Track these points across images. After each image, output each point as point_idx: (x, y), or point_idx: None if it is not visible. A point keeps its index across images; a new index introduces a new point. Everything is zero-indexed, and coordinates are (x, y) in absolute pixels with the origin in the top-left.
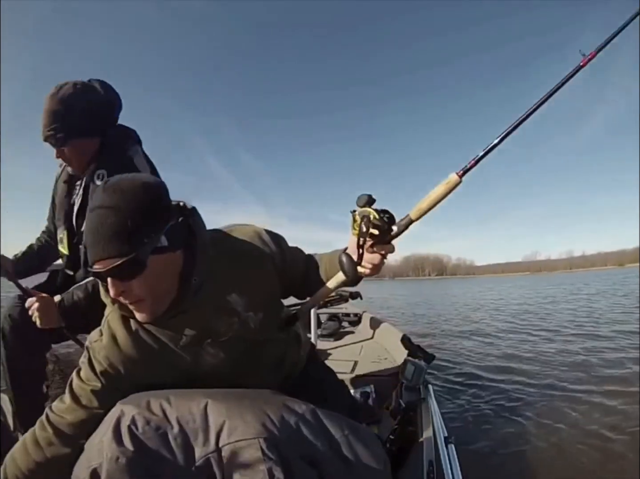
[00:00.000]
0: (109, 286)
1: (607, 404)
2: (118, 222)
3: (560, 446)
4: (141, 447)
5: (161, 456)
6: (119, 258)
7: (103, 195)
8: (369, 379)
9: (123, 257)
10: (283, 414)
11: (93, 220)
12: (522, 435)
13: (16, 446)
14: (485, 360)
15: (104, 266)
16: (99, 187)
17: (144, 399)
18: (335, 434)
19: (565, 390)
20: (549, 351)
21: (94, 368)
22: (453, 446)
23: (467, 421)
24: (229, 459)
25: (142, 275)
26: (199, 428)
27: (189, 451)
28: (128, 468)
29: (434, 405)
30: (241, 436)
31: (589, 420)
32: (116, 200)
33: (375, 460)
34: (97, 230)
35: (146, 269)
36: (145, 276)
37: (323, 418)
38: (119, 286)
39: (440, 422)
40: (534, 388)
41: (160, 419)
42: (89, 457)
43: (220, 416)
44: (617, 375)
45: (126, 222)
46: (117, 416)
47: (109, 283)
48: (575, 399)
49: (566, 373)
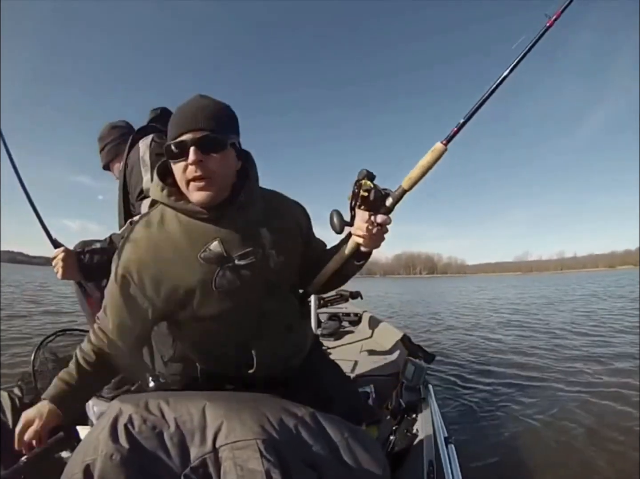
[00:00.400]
0: (191, 154)
1: (607, 403)
2: (215, 107)
3: (560, 445)
4: (136, 446)
5: (156, 455)
6: (209, 132)
7: (199, 96)
8: (369, 379)
9: (213, 132)
10: (282, 417)
11: (188, 104)
12: (522, 435)
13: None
14: (485, 359)
15: (193, 135)
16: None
17: (143, 399)
18: (335, 437)
19: (565, 389)
20: (549, 348)
21: (117, 272)
22: (453, 446)
23: (467, 421)
24: (226, 460)
25: (219, 154)
26: (196, 429)
27: (185, 451)
28: (122, 466)
29: (434, 405)
30: (239, 437)
31: (590, 420)
32: (213, 100)
33: (375, 464)
34: (191, 110)
35: (224, 151)
36: (221, 156)
37: (323, 421)
38: (199, 156)
39: (440, 422)
40: (535, 388)
41: (158, 419)
42: (84, 452)
43: (218, 418)
44: (617, 374)
45: (221, 110)
46: (114, 414)
47: (191, 152)
48: (576, 400)
49: (567, 372)
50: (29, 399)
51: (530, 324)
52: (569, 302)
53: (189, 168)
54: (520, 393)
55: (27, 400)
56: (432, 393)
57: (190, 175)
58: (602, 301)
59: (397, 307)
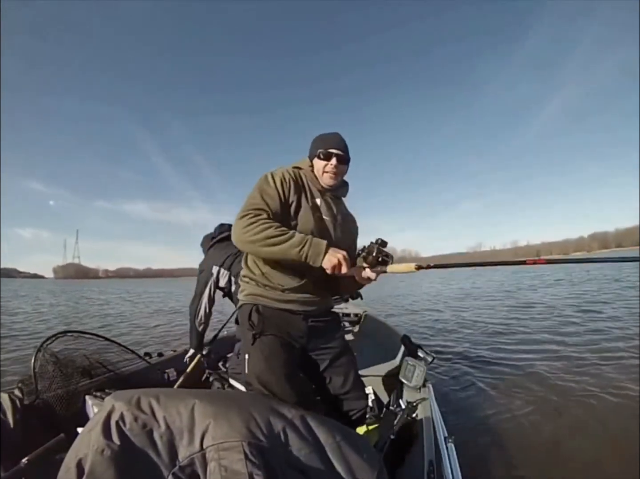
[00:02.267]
0: (334, 160)
1: (607, 404)
2: (345, 142)
3: (561, 446)
4: (127, 442)
5: (146, 453)
6: (346, 154)
7: (335, 134)
8: (369, 379)
9: (347, 155)
10: (270, 419)
11: (334, 134)
12: (522, 435)
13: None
14: (485, 359)
15: (340, 151)
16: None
17: (135, 396)
18: (325, 440)
19: (566, 389)
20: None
21: (271, 177)
22: (453, 446)
23: (468, 421)
24: (212, 460)
25: (345, 165)
26: (184, 428)
27: (173, 450)
28: (112, 461)
29: (434, 405)
30: (225, 438)
31: (591, 419)
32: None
33: (368, 468)
34: (339, 138)
35: (347, 164)
36: (345, 166)
37: (313, 424)
38: (340, 162)
39: (440, 422)
40: (535, 387)
41: (148, 417)
42: (78, 447)
43: (206, 418)
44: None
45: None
46: (108, 411)
47: (334, 159)
48: (576, 399)
49: (567, 373)
50: (29, 401)
51: (521, 317)
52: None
53: (329, 166)
54: (522, 392)
55: (27, 402)
56: (432, 393)
57: (335, 169)
58: (572, 286)
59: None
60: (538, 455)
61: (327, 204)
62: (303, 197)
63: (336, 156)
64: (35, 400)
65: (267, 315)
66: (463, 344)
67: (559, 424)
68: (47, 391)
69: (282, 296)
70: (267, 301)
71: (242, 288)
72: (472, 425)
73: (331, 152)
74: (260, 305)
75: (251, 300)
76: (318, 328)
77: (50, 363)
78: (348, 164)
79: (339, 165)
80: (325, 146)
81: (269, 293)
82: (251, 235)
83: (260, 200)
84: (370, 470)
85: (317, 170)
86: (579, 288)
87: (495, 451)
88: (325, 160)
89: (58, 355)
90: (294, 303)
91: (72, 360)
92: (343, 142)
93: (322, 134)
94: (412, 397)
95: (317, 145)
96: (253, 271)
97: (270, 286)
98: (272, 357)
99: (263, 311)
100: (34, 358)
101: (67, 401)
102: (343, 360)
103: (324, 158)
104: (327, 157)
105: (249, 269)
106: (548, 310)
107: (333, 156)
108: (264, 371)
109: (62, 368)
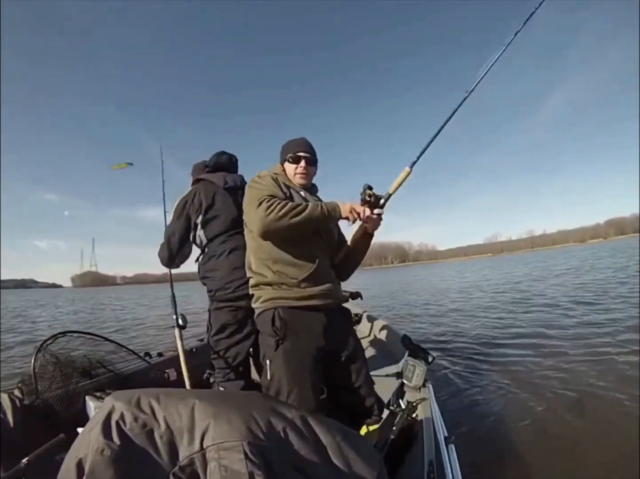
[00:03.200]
0: (303, 162)
1: (607, 403)
2: (312, 145)
3: (561, 445)
4: (127, 442)
5: (146, 452)
6: (313, 156)
7: (302, 138)
8: None
9: (315, 156)
10: (270, 419)
11: (301, 139)
12: (523, 435)
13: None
14: (486, 359)
15: (309, 154)
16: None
17: (135, 396)
18: (326, 440)
19: (567, 389)
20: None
21: (258, 178)
22: (453, 446)
23: (467, 421)
24: (212, 460)
25: (314, 166)
26: (185, 428)
27: (174, 450)
28: (112, 461)
29: (434, 405)
30: (225, 438)
31: (593, 419)
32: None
33: (368, 468)
34: (306, 142)
35: (315, 165)
36: (314, 167)
37: (313, 424)
38: (308, 163)
39: (440, 422)
40: (535, 387)
41: (148, 417)
42: (78, 447)
43: (206, 417)
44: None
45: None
46: (107, 411)
47: (303, 161)
48: (577, 399)
49: (567, 373)
50: (29, 401)
51: (530, 309)
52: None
53: (299, 168)
54: (522, 391)
55: (27, 402)
56: (432, 393)
57: (303, 171)
58: (588, 272)
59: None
60: (538, 455)
61: (311, 197)
62: (292, 190)
63: (304, 158)
64: (35, 400)
65: (288, 318)
66: (463, 344)
67: (559, 424)
68: (47, 391)
69: (300, 292)
70: (287, 302)
71: (257, 295)
72: (473, 425)
73: (300, 155)
74: (281, 308)
75: (271, 305)
76: (335, 325)
77: (51, 364)
78: (316, 165)
79: (308, 167)
80: (293, 150)
81: (287, 292)
82: (276, 213)
83: (266, 190)
84: (370, 470)
85: (289, 173)
86: (583, 279)
87: (495, 451)
88: (295, 163)
89: (58, 356)
90: (313, 298)
91: (72, 360)
92: (310, 145)
93: (290, 140)
94: (412, 397)
95: (286, 150)
96: (265, 275)
97: (286, 285)
98: (295, 364)
99: (284, 315)
100: (34, 358)
101: (67, 401)
102: (358, 355)
103: (294, 161)
104: (296, 160)
105: (259, 274)
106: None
107: (302, 159)
108: (287, 378)
109: (62, 368)
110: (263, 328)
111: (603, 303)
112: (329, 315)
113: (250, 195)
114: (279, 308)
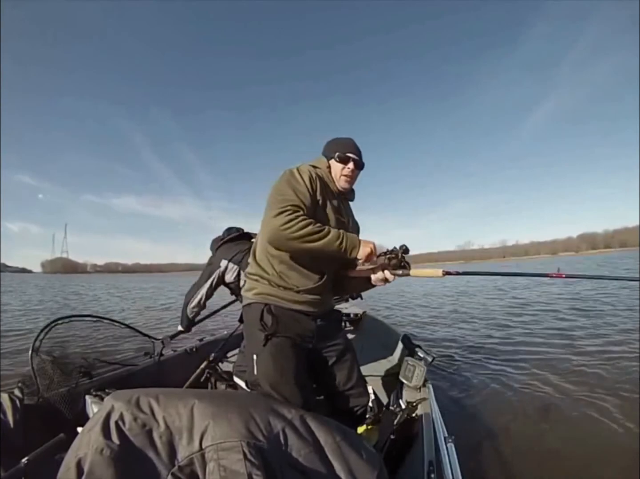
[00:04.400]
0: (351, 164)
1: (607, 402)
2: (359, 148)
3: (561, 445)
4: (126, 442)
5: (145, 452)
6: (361, 160)
7: (351, 139)
8: (369, 379)
9: (362, 161)
10: (270, 419)
11: (350, 140)
12: (523, 434)
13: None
14: (486, 359)
15: (357, 157)
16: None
17: (135, 396)
18: (325, 440)
19: (568, 389)
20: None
21: (298, 174)
22: (453, 446)
23: (468, 421)
24: (211, 460)
25: (359, 170)
26: (184, 428)
27: (173, 449)
28: (111, 460)
29: (434, 405)
30: (225, 438)
31: (592, 420)
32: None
33: (368, 467)
34: (355, 144)
35: (361, 170)
36: (359, 172)
37: (312, 424)
38: (356, 167)
39: (440, 422)
40: (536, 387)
41: (148, 417)
42: (78, 447)
43: (206, 418)
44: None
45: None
46: (107, 411)
47: (351, 163)
48: (577, 399)
49: (567, 372)
50: (30, 401)
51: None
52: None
53: (346, 170)
54: (522, 391)
55: (27, 402)
56: (432, 393)
57: (349, 173)
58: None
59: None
60: (538, 455)
61: (342, 206)
62: (327, 197)
63: (353, 161)
64: (37, 400)
65: (279, 315)
66: (463, 344)
67: (559, 424)
68: (47, 391)
69: (295, 297)
70: (280, 302)
71: (252, 286)
72: (473, 425)
73: (349, 156)
74: (272, 305)
75: (262, 299)
76: (325, 327)
77: (48, 362)
78: (361, 170)
79: (355, 170)
80: (343, 150)
81: (283, 293)
82: (293, 232)
83: (294, 196)
84: (370, 470)
85: (335, 172)
86: (573, 288)
87: (495, 451)
88: (343, 164)
89: (53, 352)
90: (306, 304)
91: (67, 359)
92: (358, 148)
93: (338, 138)
94: (412, 397)
95: (334, 148)
96: (266, 270)
97: (284, 287)
98: (282, 360)
99: (275, 312)
100: (31, 357)
101: (68, 401)
102: (348, 356)
103: (342, 161)
104: (344, 160)
105: (260, 268)
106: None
107: (351, 160)
108: (274, 373)
109: (60, 367)
110: (250, 321)
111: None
112: (319, 318)
113: (276, 192)
114: (270, 304)
